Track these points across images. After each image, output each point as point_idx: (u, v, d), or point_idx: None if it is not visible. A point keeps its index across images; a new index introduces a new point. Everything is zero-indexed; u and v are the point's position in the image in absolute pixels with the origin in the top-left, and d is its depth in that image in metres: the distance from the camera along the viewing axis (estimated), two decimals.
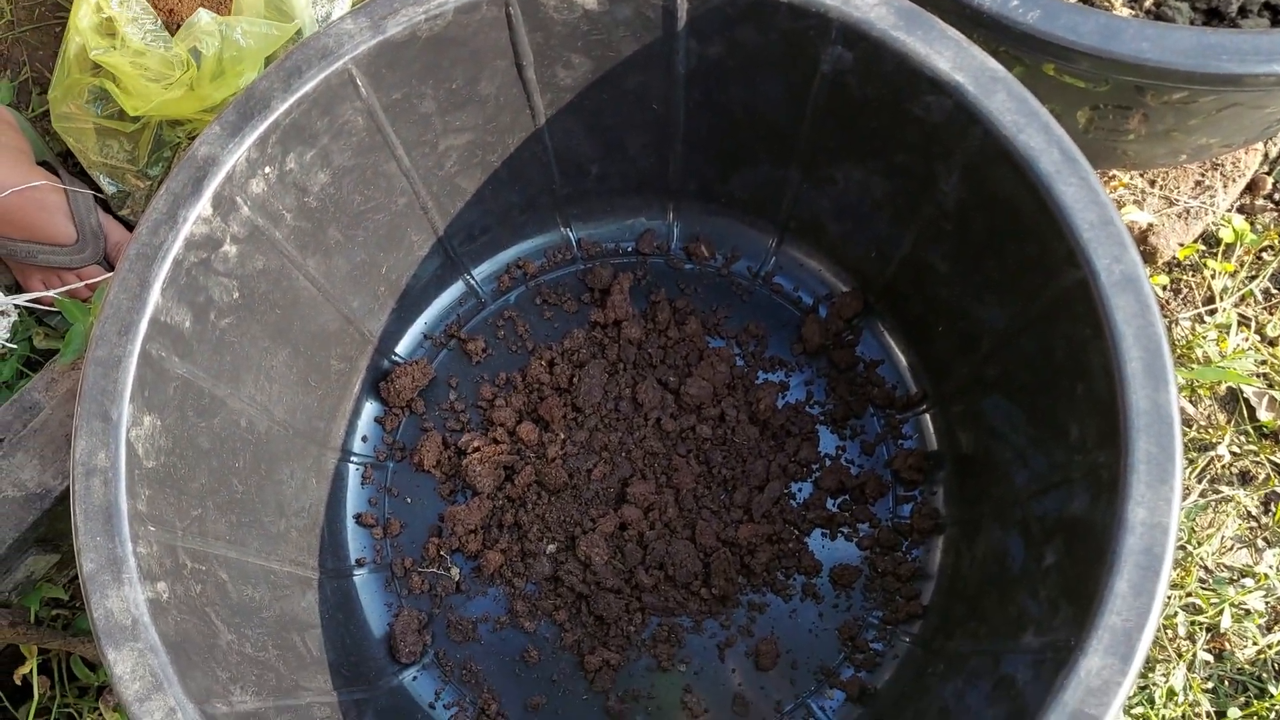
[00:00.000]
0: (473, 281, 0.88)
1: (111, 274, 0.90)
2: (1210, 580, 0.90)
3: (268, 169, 0.64)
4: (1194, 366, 0.94)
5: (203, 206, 0.61)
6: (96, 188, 0.98)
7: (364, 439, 0.84)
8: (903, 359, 0.84)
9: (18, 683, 0.80)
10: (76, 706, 0.84)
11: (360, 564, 0.81)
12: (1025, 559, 0.64)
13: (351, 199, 0.72)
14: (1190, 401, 0.95)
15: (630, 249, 0.89)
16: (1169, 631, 0.87)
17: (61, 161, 1.00)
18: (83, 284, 0.91)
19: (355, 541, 0.82)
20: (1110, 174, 0.98)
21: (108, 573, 0.54)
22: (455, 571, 0.80)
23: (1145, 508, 0.53)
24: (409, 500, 0.84)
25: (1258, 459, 0.93)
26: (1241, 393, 0.94)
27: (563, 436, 0.82)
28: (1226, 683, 0.87)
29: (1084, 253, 0.57)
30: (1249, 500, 0.92)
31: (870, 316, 0.85)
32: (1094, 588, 0.53)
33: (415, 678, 0.78)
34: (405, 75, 0.67)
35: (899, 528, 0.80)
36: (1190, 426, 0.94)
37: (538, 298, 0.89)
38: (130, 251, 0.59)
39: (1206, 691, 0.86)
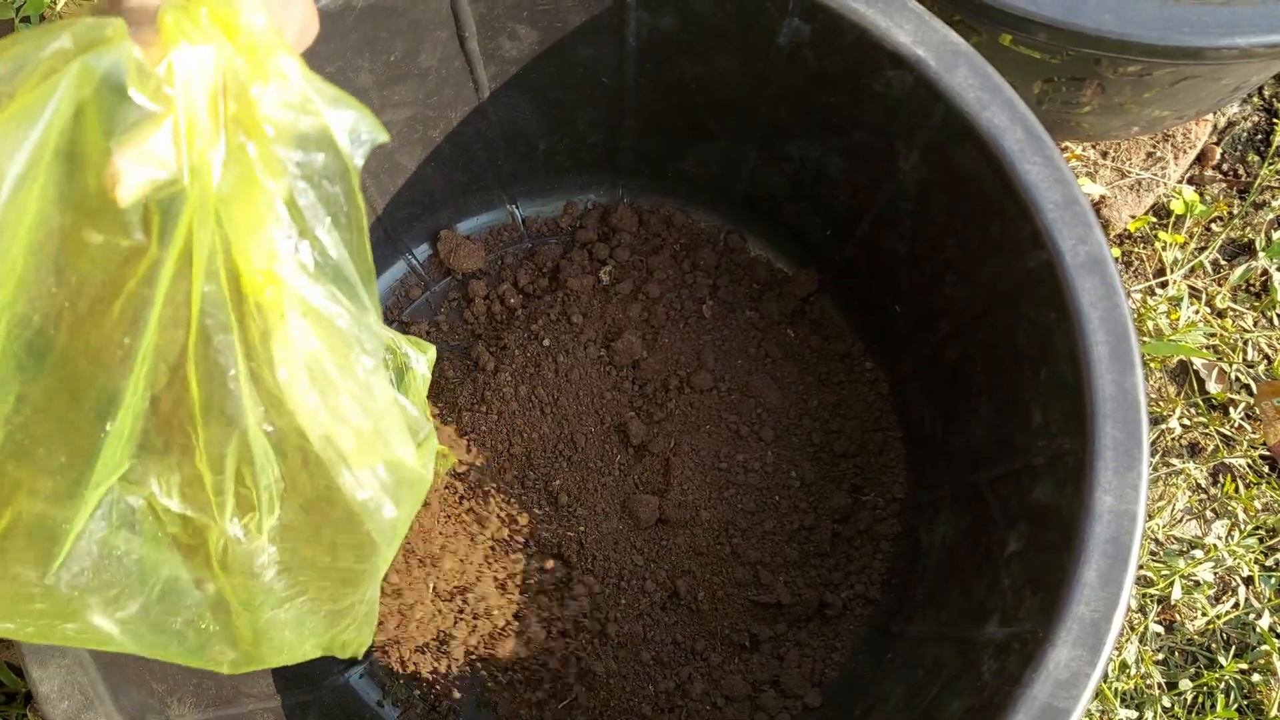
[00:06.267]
0: (414, 262, 0.85)
1: None
2: (1161, 553, 0.90)
3: None
4: (1146, 340, 0.94)
5: None
6: None
7: None
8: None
9: None
10: (4, 714, 0.80)
11: None
12: (988, 545, 0.63)
13: None
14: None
15: (578, 226, 0.86)
16: None
17: None
18: None
19: None
20: (1063, 146, 0.97)
21: None
22: None
23: (1113, 495, 0.52)
24: None
25: (1207, 431, 0.93)
26: (1191, 365, 0.95)
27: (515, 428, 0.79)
28: (1177, 654, 0.88)
29: (1049, 233, 0.56)
30: (1198, 472, 0.92)
31: (825, 295, 0.83)
32: (1061, 577, 0.52)
33: (362, 675, 0.75)
34: (340, 47, 0.63)
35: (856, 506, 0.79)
36: None
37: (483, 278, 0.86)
38: None
39: (1158, 663, 0.87)
